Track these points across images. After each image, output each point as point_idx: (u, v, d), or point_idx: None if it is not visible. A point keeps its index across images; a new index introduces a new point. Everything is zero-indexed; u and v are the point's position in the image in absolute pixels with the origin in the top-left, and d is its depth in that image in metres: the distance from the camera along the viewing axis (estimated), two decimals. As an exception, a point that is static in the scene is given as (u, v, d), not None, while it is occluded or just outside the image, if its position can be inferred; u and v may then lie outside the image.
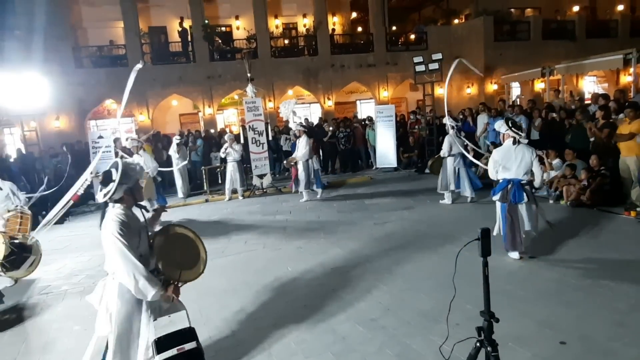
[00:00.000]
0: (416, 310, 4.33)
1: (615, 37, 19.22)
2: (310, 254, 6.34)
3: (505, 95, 17.82)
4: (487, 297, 2.53)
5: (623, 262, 5.16)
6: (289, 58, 18.66)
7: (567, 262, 5.24)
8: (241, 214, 9.31)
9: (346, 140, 13.82)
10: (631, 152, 7.20)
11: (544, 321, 3.93)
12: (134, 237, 2.92)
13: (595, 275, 4.83)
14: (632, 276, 4.74)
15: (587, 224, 6.75)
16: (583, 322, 3.88)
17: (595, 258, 5.33)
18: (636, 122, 7.15)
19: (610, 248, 5.65)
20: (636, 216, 6.84)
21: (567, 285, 4.64)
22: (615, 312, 4.01)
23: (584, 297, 4.35)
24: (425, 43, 19.36)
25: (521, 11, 21.27)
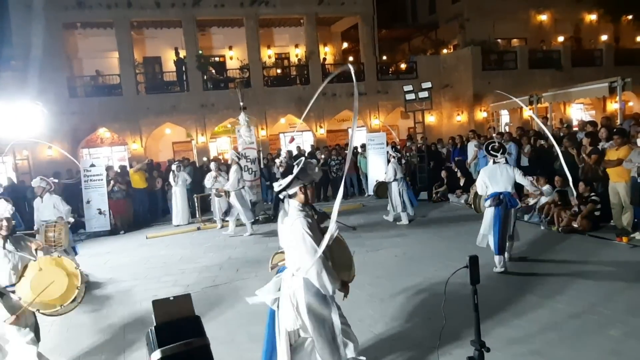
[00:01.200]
0: (409, 339, 4.26)
1: (601, 65, 19.74)
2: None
3: (494, 123, 18.09)
4: (477, 326, 2.50)
5: (616, 288, 5.15)
6: (281, 87, 18.92)
7: (560, 289, 5.22)
8: (233, 242, 9.23)
9: (338, 168, 13.87)
10: (620, 178, 7.28)
11: (537, 350, 3.88)
12: (316, 234, 2.98)
13: (588, 302, 4.80)
14: (626, 302, 4.72)
15: (580, 251, 6.76)
16: (577, 350, 3.84)
17: (588, 284, 5.31)
18: (624, 149, 7.27)
19: (603, 274, 5.64)
20: (628, 242, 6.87)
21: (560, 313, 4.60)
22: (610, 339, 3.97)
23: (578, 325, 4.31)
24: (415, 72, 19.76)
25: (508, 41, 21.86)
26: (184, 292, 6.04)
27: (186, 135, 18.71)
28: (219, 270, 7.21)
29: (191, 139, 18.59)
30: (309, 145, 18.23)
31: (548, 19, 21.82)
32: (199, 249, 8.84)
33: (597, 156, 7.90)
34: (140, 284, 6.81)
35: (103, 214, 11.32)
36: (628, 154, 7.09)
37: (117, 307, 5.88)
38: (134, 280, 7.01)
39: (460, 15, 21.09)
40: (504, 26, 21.07)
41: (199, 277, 6.89)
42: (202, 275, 6.99)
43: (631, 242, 6.85)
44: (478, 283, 2.55)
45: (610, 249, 6.69)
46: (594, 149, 8.12)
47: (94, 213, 11.30)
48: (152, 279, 7.07)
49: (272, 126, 18.94)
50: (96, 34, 18.13)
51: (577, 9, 21.84)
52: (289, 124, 20.03)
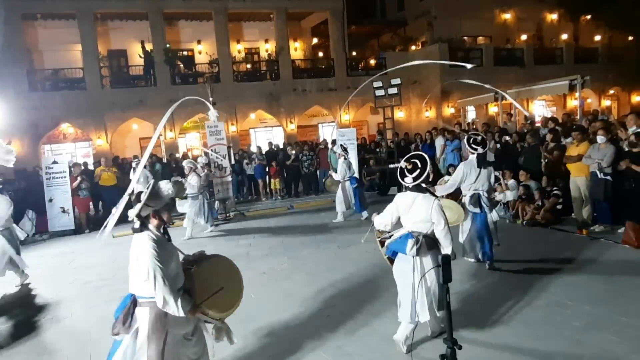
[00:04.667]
0: (382, 336, 4.31)
1: (561, 63, 20.48)
2: (274, 279, 6.25)
3: (461, 119, 18.49)
4: (449, 324, 2.55)
5: (578, 280, 5.36)
6: (251, 82, 18.75)
7: (525, 282, 5.39)
8: (203, 240, 9.10)
9: (310, 164, 13.88)
10: (580, 173, 7.58)
11: (506, 344, 4.00)
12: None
13: (552, 294, 4.98)
14: (587, 294, 4.92)
15: (542, 243, 7.01)
16: (543, 342, 3.98)
17: (551, 277, 5.51)
18: (583, 145, 7.57)
19: (565, 267, 5.86)
20: (588, 234, 7.17)
21: (526, 305, 4.76)
22: (574, 330, 4.13)
23: (543, 317, 4.47)
24: (384, 68, 19.92)
25: (473, 39, 22.35)
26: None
27: (154, 131, 18.26)
28: (189, 269, 7.09)
29: (159, 135, 18.17)
30: (281, 141, 18.12)
31: (512, 18, 22.44)
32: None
33: (559, 152, 8.20)
34: (108, 284, 6.62)
35: (67, 213, 10.94)
36: (587, 149, 7.39)
37: (83, 310, 5.70)
38: (101, 280, 6.82)
39: (428, 13, 21.42)
40: (470, 24, 21.56)
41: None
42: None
43: (591, 235, 7.15)
44: (450, 282, 2.60)
45: (571, 242, 6.96)
46: (556, 145, 8.42)
47: (57, 212, 10.90)
48: (119, 279, 6.85)
49: (243, 122, 18.75)
50: (58, 25, 17.43)
51: (539, 8, 22.55)
52: (259, 119, 19.87)
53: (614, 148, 7.09)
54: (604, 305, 4.57)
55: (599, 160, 7.05)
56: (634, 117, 7.50)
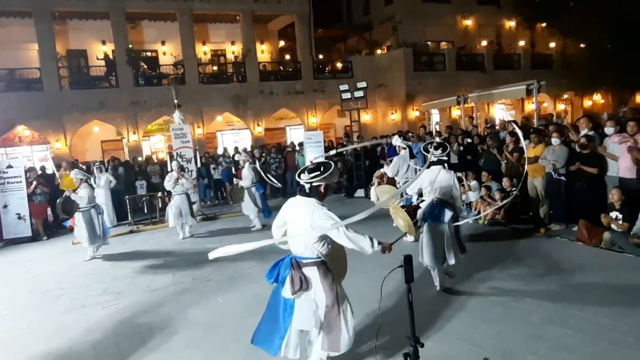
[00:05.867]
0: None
1: (519, 69, 21.30)
2: (242, 283, 6.21)
3: (426, 122, 18.92)
4: (412, 323, 2.60)
5: (536, 276, 5.60)
6: (217, 84, 18.54)
7: (486, 279, 5.58)
8: (169, 245, 8.92)
9: (277, 166, 13.86)
10: (537, 174, 7.91)
11: (468, 339, 4.13)
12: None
13: (512, 291, 5.18)
14: (545, 289, 5.15)
15: (502, 242, 7.28)
16: (503, 337, 4.13)
17: (510, 274, 5.73)
18: (540, 147, 7.91)
19: (524, 264, 6.11)
20: (545, 232, 7.50)
21: (487, 302, 4.93)
22: (532, 325, 4.31)
23: (503, 313, 4.64)
24: (350, 71, 20.16)
25: (437, 44, 22.94)
26: (115, 301, 5.81)
27: (116, 134, 17.78)
28: (153, 275, 6.95)
29: (122, 138, 17.69)
30: (249, 144, 18.00)
31: (473, 24, 23.17)
32: (131, 253, 8.46)
33: (518, 154, 8.54)
34: (67, 292, 6.40)
35: (23, 219, 10.48)
36: (543, 151, 7.73)
37: (42, 320, 5.49)
38: (60, 289, 6.58)
39: (393, 18, 21.82)
40: (434, 30, 22.14)
41: (132, 284, 6.61)
42: (135, 281, 6.70)
43: (547, 233, 7.48)
44: (412, 282, 2.66)
45: (529, 240, 7.26)
46: (515, 147, 8.75)
47: (13, 218, 10.43)
48: (79, 287, 6.66)
49: (209, 124, 18.51)
50: (12, 23, 16.69)
51: (498, 15, 23.40)
52: (226, 122, 19.68)
53: (567, 150, 7.45)
54: (560, 301, 4.79)
55: (554, 161, 7.39)
56: (586, 120, 7.90)
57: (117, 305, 5.73)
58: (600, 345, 3.83)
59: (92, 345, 4.67)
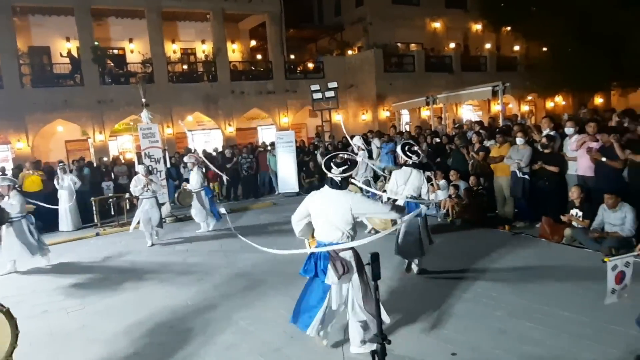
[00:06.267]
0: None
1: (485, 71, 21.88)
2: (212, 285, 6.14)
3: (396, 122, 19.19)
4: (379, 321, 2.62)
5: (501, 272, 5.78)
6: (187, 84, 18.25)
7: (454, 276, 5.72)
8: (136, 247, 8.72)
9: (249, 167, 13.77)
10: (502, 173, 8.16)
11: (437, 335, 4.23)
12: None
13: (478, 287, 5.33)
14: (510, 285, 5.31)
15: (470, 240, 7.47)
16: (470, 332, 4.24)
17: (477, 271, 5.89)
18: (505, 146, 8.16)
19: (490, 260, 6.29)
20: (510, 230, 7.73)
21: (455, 298, 5.06)
22: (497, 320, 4.44)
23: (470, 308, 4.77)
24: (322, 72, 20.22)
25: (406, 45, 23.29)
26: (78, 305, 5.65)
27: (81, 133, 17.23)
28: (120, 279, 6.78)
29: (87, 137, 17.17)
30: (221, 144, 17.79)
31: (441, 27, 23.64)
32: (97, 257, 8.23)
33: (484, 153, 8.78)
34: (27, 299, 6.17)
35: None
36: (508, 151, 7.98)
37: None
38: (20, 295, 6.33)
39: (364, 19, 22.03)
40: (403, 31, 22.47)
41: (97, 288, 6.44)
42: (100, 285, 6.53)
43: (512, 230, 7.72)
44: (379, 279, 2.70)
45: (495, 237, 7.46)
46: (481, 146, 9.00)
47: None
48: (41, 292, 6.43)
49: (179, 124, 18.18)
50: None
51: (465, 18, 23.97)
52: (196, 121, 19.39)
53: (531, 149, 7.71)
54: (524, 296, 4.96)
55: (518, 160, 7.64)
56: (547, 120, 8.20)
57: (81, 310, 5.59)
58: (562, 338, 3.99)
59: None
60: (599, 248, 6.11)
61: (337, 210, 3.67)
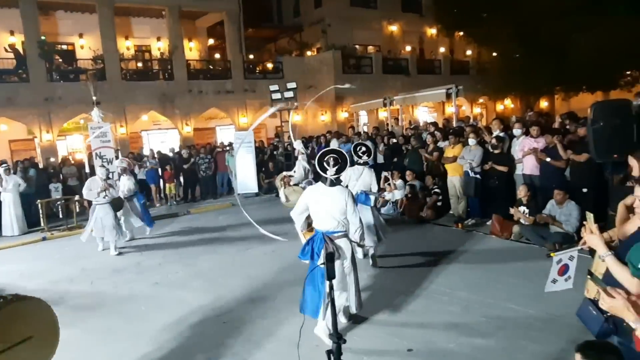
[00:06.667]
0: (276, 337, 4.39)
1: (440, 74, 22.56)
2: (168, 289, 6.01)
3: (354, 123, 19.44)
4: (334, 320, 2.65)
5: (455, 268, 5.99)
6: (142, 82, 17.69)
7: (410, 273, 5.88)
8: (86, 251, 8.38)
9: (207, 167, 13.55)
10: (456, 173, 8.45)
11: (393, 331, 4.33)
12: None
13: (433, 283, 5.51)
14: (464, 281, 5.52)
15: (425, 238, 7.69)
16: (426, 327, 4.38)
17: (432, 266, 6.08)
18: (458, 147, 8.46)
19: (444, 257, 6.51)
20: (463, 228, 8.03)
21: (410, 294, 5.20)
22: (451, 315, 4.60)
23: (425, 304, 4.92)
24: (281, 72, 20.18)
25: (364, 48, 23.65)
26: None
27: (27, 133, 16.34)
28: (69, 285, 6.50)
29: (34, 137, 16.30)
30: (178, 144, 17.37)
31: (398, 30, 24.18)
32: (45, 262, 7.84)
33: (438, 153, 9.06)
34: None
35: None
36: (461, 151, 8.28)
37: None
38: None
39: (322, 21, 22.18)
40: (361, 34, 22.81)
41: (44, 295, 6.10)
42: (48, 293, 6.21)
43: (466, 228, 8.02)
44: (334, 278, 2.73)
45: (449, 235, 7.74)
46: (435, 147, 9.28)
47: None
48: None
49: (133, 123, 17.61)
50: None
51: (421, 23, 24.63)
52: (152, 121, 18.85)
53: (482, 150, 8.04)
54: (476, 291, 5.16)
55: (470, 160, 7.94)
56: (497, 122, 8.58)
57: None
58: (511, 330, 4.19)
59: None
60: (544, 244, 6.46)
61: (334, 203, 4.20)
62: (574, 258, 3.05)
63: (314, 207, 4.30)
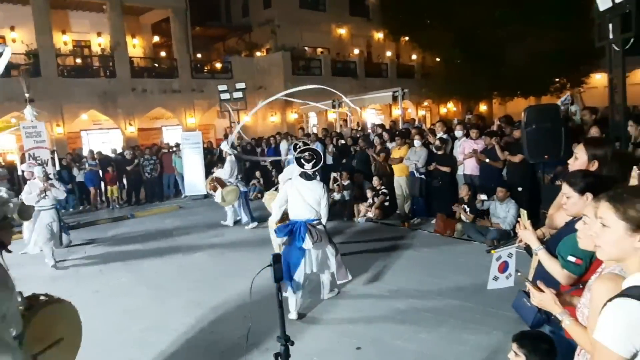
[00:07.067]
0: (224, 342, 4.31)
1: (387, 77, 23.16)
2: (110, 297, 5.75)
3: (304, 124, 19.53)
4: (282, 322, 2.63)
5: (402, 266, 6.16)
6: (81, 79, 16.80)
7: (358, 272, 5.97)
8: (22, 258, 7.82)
9: (152, 169, 13.08)
10: (402, 173, 8.71)
11: (342, 331, 4.39)
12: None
13: (381, 282, 5.64)
14: (410, 278, 5.69)
15: (373, 238, 7.84)
16: (374, 325, 4.47)
17: (379, 265, 6.22)
18: (404, 148, 8.73)
19: (391, 255, 6.68)
20: (409, 226, 8.28)
21: (357, 292, 5.30)
22: (398, 312, 4.73)
23: (372, 302, 5.03)
24: (230, 72, 19.90)
25: (314, 50, 23.82)
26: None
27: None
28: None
29: (-44, 137, 15.04)
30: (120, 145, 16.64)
31: (346, 33, 24.58)
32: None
33: (385, 155, 9.30)
34: None
35: None
36: (407, 152, 8.55)
37: None
38: None
39: (272, 21, 22.11)
40: (311, 36, 22.97)
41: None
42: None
43: (411, 227, 8.27)
44: (281, 280, 2.73)
45: (396, 234, 7.92)
46: (382, 148, 9.51)
47: None
48: None
49: (71, 123, 16.69)
50: None
51: (368, 27, 25.19)
52: (92, 120, 17.95)
53: (427, 151, 8.34)
54: (421, 287, 5.34)
55: (415, 161, 8.22)
56: (441, 124, 8.94)
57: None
58: (454, 324, 4.37)
59: None
60: (483, 240, 6.80)
61: (312, 195, 4.75)
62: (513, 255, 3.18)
63: (295, 198, 4.77)
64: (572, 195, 2.28)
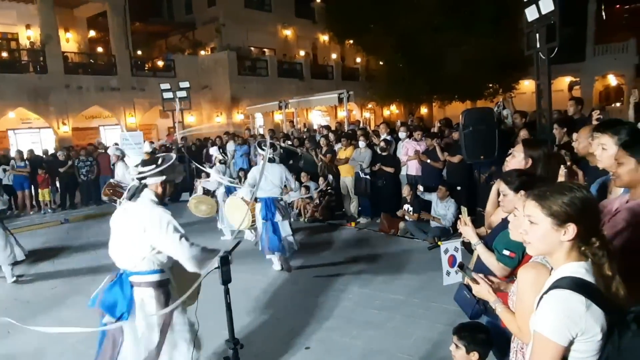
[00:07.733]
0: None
1: (332, 79, 23.47)
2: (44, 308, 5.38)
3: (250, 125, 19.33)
4: (230, 326, 2.60)
5: (348, 265, 6.27)
6: (7, 74, 15.61)
7: (306, 271, 6.04)
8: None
9: (88, 170, 12.39)
10: (348, 174, 8.87)
11: (291, 331, 4.40)
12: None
13: (328, 280, 5.70)
14: (355, 276, 5.80)
15: (320, 237, 7.94)
16: (322, 325, 4.51)
17: (326, 264, 6.30)
18: (350, 149, 8.88)
19: (338, 254, 6.79)
20: (355, 226, 8.44)
21: (304, 292, 5.34)
22: (345, 310, 4.81)
23: (320, 301, 5.08)
24: (173, 71, 19.31)
25: (260, 50, 23.66)
26: None
27: None
28: None
29: None
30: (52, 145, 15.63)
31: (292, 35, 24.63)
32: None
33: (331, 155, 9.41)
34: None
35: None
36: (353, 153, 8.71)
37: None
38: None
39: (216, 20, 21.70)
40: (257, 36, 22.80)
41: None
42: None
43: (357, 226, 8.45)
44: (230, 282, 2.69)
45: (342, 233, 8.08)
46: (329, 149, 9.62)
47: None
48: None
49: (-3, 121, 15.49)
50: None
51: (314, 29, 25.39)
52: (20, 119, 16.72)
53: (371, 152, 8.54)
54: (367, 285, 5.47)
55: (361, 162, 8.39)
56: (384, 126, 9.20)
57: None
58: (399, 319, 4.51)
59: None
60: (425, 238, 7.08)
61: (275, 175, 5.84)
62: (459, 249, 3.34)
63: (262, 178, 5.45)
64: (508, 193, 2.43)
